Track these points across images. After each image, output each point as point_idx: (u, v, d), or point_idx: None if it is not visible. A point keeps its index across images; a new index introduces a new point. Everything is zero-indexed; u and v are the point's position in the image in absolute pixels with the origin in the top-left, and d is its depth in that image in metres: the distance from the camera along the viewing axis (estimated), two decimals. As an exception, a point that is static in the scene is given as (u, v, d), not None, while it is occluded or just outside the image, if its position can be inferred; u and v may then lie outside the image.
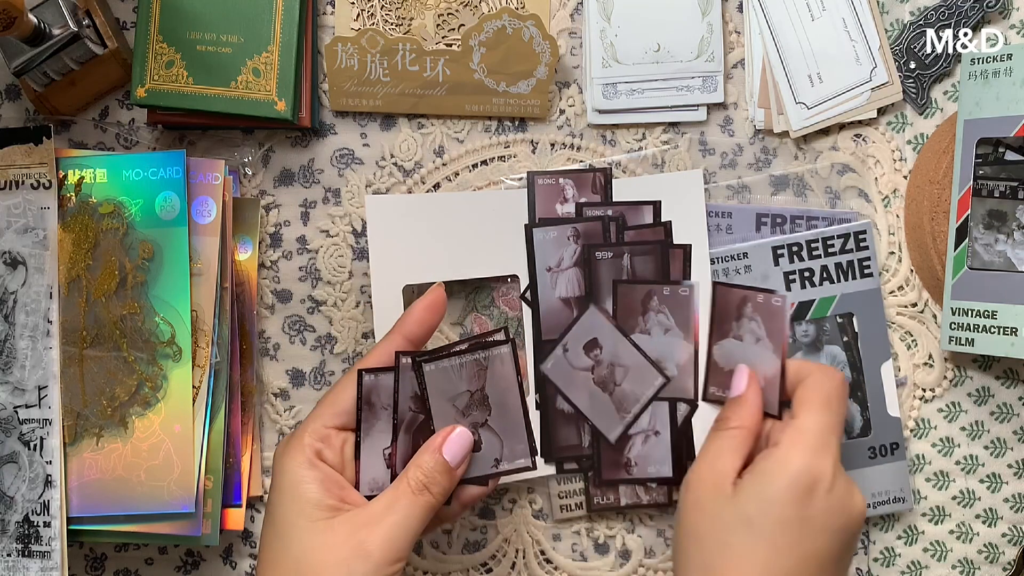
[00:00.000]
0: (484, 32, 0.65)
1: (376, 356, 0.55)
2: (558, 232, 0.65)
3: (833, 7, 0.67)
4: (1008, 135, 0.62)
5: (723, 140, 0.68)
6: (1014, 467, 0.68)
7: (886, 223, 0.68)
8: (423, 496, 0.52)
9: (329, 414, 0.54)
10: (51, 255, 0.62)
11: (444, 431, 0.53)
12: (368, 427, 0.54)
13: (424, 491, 0.52)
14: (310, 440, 0.53)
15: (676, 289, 0.64)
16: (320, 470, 0.52)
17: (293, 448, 0.53)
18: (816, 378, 0.56)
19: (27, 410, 0.61)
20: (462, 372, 0.53)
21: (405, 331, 0.55)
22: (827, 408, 0.55)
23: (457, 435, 0.53)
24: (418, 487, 0.52)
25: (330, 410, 0.54)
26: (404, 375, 0.53)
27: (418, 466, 0.52)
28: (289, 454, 0.53)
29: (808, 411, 0.55)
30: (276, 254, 0.67)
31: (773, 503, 0.51)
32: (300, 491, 0.51)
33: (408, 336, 0.55)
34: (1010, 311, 0.62)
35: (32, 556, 0.60)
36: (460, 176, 0.67)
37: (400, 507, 0.51)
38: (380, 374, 0.53)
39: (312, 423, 0.54)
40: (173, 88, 0.63)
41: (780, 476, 0.52)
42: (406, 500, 0.51)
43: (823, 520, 0.52)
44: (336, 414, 0.54)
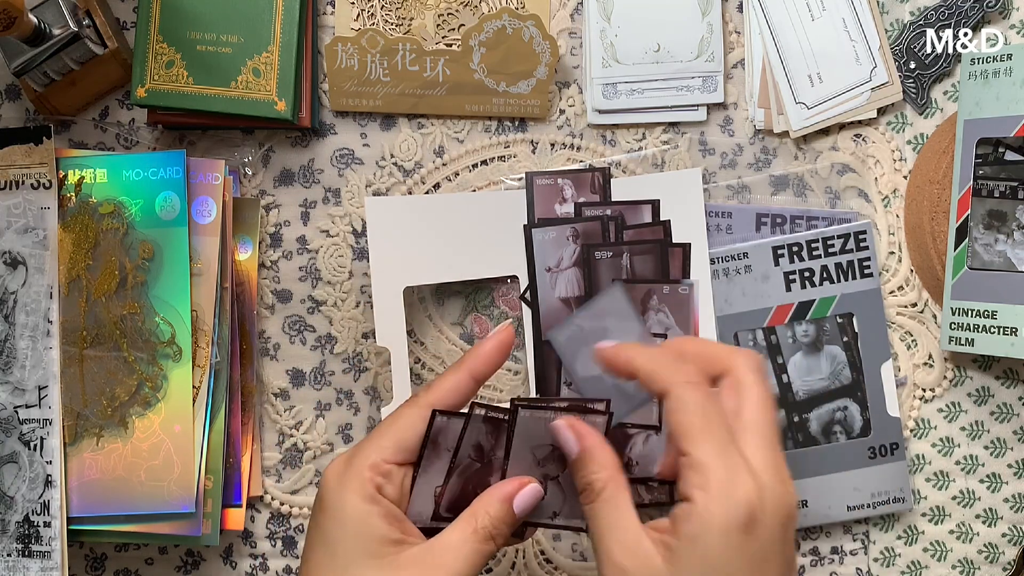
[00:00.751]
0: (484, 32, 0.65)
1: (443, 388, 0.53)
2: (557, 232, 0.65)
3: (833, 7, 0.67)
4: (1008, 135, 0.62)
5: (723, 140, 0.68)
6: (1014, 467, 0.68)
7: (886, 223, 0.68)
8: (488, 545, 0.50)
9: (392, 449, 0.52)
10: (51, 255, 0.62)
11: (518, 480, 0.52)
12: (427, 464, 0.53)
13: (490, 540, 0.50)
14: (371, 474, 0.51)
15: (676, 288, 0.64)
16: (382, 505, 0.50)
17: (353, 479, 0.51)
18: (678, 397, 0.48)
19: (27, 410, 0.61)
20: None
21: (473, 369, 0.53)
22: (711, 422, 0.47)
23: (530, 489, 0.51)
24: (486, 536, 0.50)
25: (393, 445, 0.52)
26: (474, 424, 0.52)
27: (487, 513, 0.51)
28: (351, 485, 0.50)
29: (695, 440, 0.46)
30: (276, 254, 0.67)
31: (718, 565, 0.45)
32: (366, 526, 0.50)
33: (475, 374, 0.53)
34: (1010, 311, 0.62)
35: (32, 556, 0.60)
36: (460, 176, 0.67)
37: (466, 552, 0.50)
38: (451, 418, 0.52)
39: (372, 454, 0.51)
40: (173, 88, 0.63)
41: (711, 537, 0.45)
42: (472, 545, 0.50)
43: (769, 541, 0.46)
44: (399, 450, 0.52)
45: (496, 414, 0.52)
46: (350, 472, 0.51)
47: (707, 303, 0.65)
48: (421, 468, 0.52)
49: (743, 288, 0.66)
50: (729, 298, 0.66)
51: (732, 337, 0.66)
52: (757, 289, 0.66)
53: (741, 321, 0.66)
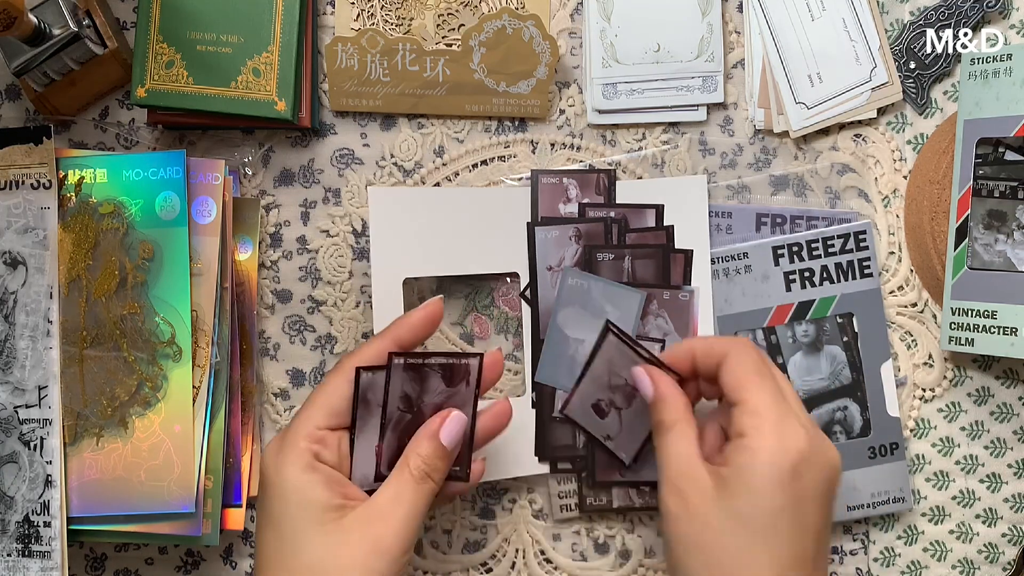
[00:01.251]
0: (484, 32, 0.65)
1: (367, 354, 0.54)
2: (560, 232, 0.65)
3: (833, 7, 0.67)
4: (1008, 135, 0.62)
5: (723, 140, 0.68)
6: (1014, 467, 0.68)
7: (886, 223, 0.68)
8: (426, 484, 0.52)
9: (323, 415, 0.53)
10: (51, 255, 0.62)
11: (440, 415, 0.53)
12: (363, 424, 0.54)
13: (426, 479, 0.52)
14: (306, 444, 0.52)
15: (676, 294, 0.64)
16: (321, 472, 0.52)
17: (289, 452, 0.52)
18: (738, 354, 0.54)
19: (27, 410, 0.61)
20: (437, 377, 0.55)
21: (397, 336, 0.55)
22: (766, 378, 0.53)
23: (453, 418, 0.53)
24: (420, 476, 0.52)
25: (323, 411, 0.53)
26: (395, 375, 0.53)
27: (417, 454, 0.52)
28: (287, 459, 0.52)
29: (752, 389, 0.52)
30: (276, 254, 0.67)
31: (762, 496, 0.50)
32: (306, 496, 0.51)
33: (399, 341, 0.55)
34: (1010, 311, 0.62)
35: (32, 556, 0.60)
36: (460, 176, 0.67)
37: (406, 498, 0.51)
38: (376, 372, 0.53)
39: (304, 425, 0.53)
40: (173, 88, 0.63)
41: (760, 468, 0.50)
42: (410, 490, 0.51)
43: (813, 490, 0.50)
44: (330, 415, 0.53)
45: (415, 360, 0.54)
46: (285, 446, 0.52)
47: (707, 311, 0.65)
48: (357, 429, 0.53)
49: (743, 288, 0.66)
50: (729, 298, 0.66)
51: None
52: (757, 289, 0.66)
53: (741, 321, 0.66)
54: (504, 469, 0.65)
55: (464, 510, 0.67)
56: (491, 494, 0.67)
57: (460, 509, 0.67)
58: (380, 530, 0.50)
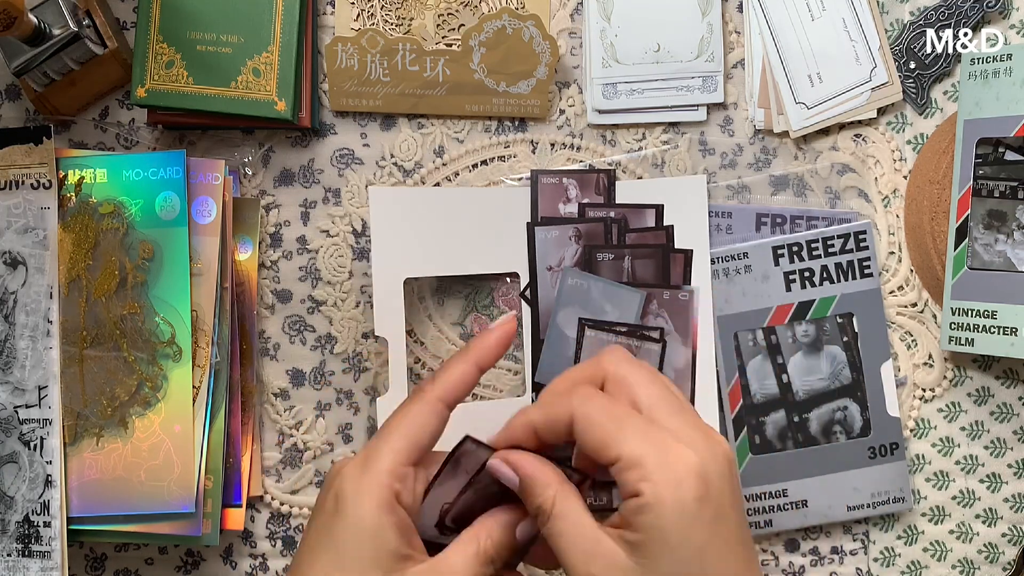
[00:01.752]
0: (484, 32, 0.65)
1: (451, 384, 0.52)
2: (560, 232, 0.65)
3: (833, 7, 0.67)
4: (1008, 135, 0.62)
5: (723, 140, 0.68)
6: (1014, 467, 0.68)
7: (886, 223, 0.68)
8: (487, 569, 0.49)
9: (408, 451, 0.50)
10: (51, 255, 0.62)
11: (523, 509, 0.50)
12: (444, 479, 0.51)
13: (490, 564, 0.50)
14: (390, 480, 0.49)
15: (676, 294, 0.64)
16: (398, 515, 0.49)
17: (373, 484, 0.49)
18: (583, 410, 0.48)
19: (27, 410, 0.61)
20: None
21: (480, 360, 0.53)
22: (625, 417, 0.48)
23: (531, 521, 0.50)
24: (486, 559, 0.49)
25: (407, 446, 0.50)
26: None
27: (490, 536, 0.50)
28: (368, 494, 0.49)
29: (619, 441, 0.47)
30: (276, 254, 0.67)
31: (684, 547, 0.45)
32: (381, 539, 0.48)
33: (481, 365, 0.53)
34: (1010, 311, 0.62)
35: (32, 556, 0.60)
36: (460, 176, 0.67)
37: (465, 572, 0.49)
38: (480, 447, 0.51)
39: (390, 458, 0.50)
40: (173, 88, 0.63)
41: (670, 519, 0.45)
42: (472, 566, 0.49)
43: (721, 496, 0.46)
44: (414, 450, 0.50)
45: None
46: (367, 478, 0.49)
47: (707, 311, 0.65)
48: (437, 482, 0.51)
49: (743, 288, 0.66)
50: (729, 298, 0.66)
51: (732, 337, 0.66)
52: (757, 289, 0.66)
53: (741, 321, 0.66)
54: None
55: (464, 510, 0.67)
56: (491, 494, 0.67)
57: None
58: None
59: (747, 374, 0.66)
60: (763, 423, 0.66)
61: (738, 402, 0.66)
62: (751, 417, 0.66)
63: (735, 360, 0.66)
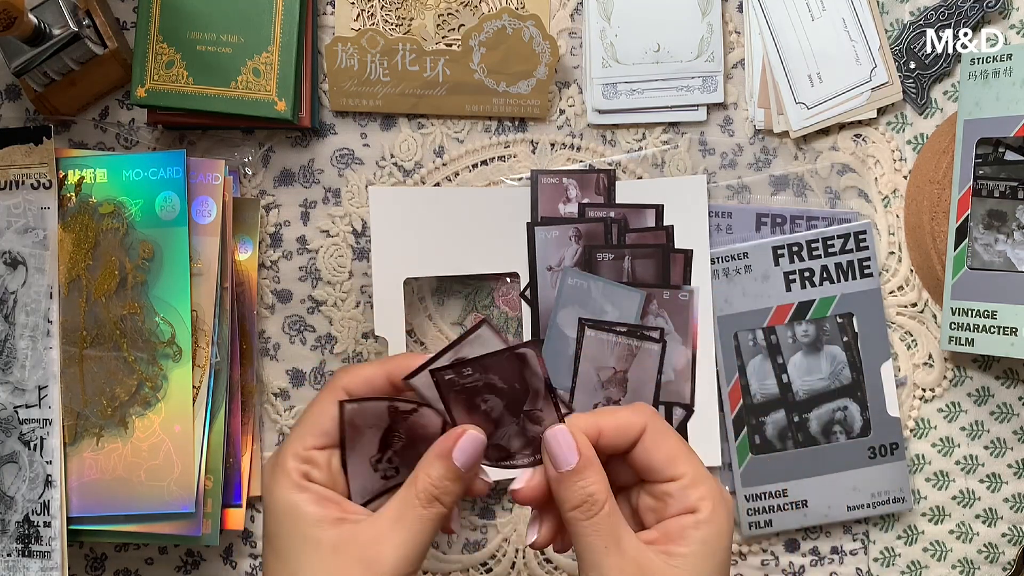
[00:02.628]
0: (484, 32, 0.65)
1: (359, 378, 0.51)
2: (560, 232, 0.65)
3: (833, 7, 0.67)
4: (1008, 135, 0.62)
5: (723, 140, 0.68)
6: (1014, 467, 0.68)
7: (886, 223, 0.68)
8: (433, 508, 0.48)
9: (312, 435, 0.50)
10: (51, 255, 0.62)
11: (454, 433, 0.49)
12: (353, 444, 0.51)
13: (434, 502, 0.48)
14: (294, 463, 0.49)
15: (676, 294, 0.64)
16: (312, 490, 0.49)
17: (279, 474, 0.49)
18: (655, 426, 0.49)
19: (27, 410, 0.61)
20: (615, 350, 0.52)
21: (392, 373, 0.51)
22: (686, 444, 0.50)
23: (468, 438, 0.49)
24: (428, 499, 0.48)
25: (312, 431, 0.50)
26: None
27: (427, 474, 0.48)
28: (277, 481, 0.49)
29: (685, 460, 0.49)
30: (276, 254, 0.67)
31: (721, 564, 0.48)
32: (297, 515, 0.48)
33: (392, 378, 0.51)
34: (1010, 311, 0.62)
35: (32, 556, 0.60)
36: (460, 176, 0.67)
37: (410, 521, 0.48)
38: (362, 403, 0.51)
39: (292, 445, 0.50)
40: (173, 88, 0.63)
41: (718, 539, 0.48)
42: (415, 514, 0.48)
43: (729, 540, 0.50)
44: (320, 435, 0.50)
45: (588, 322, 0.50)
46: (276, 469, 0.50)
47: (707, 311, 0.65)
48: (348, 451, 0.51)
49: (743, 288, 0.66)
50: (729, 298, 0.66)
51: (732, 337, 0.66)
52: (757, 289, 0.66)
53: (741, 321, 0.66)
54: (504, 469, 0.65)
55: (464, 510, 0.67)
56: (491, 494, 0.67)
57: (460, 509, 0.67)
58: (377, 552, 0.47)
59: (747, 374, 0.66)
60: (763, 423, 0.66)
61: (738, 402, 0.66)
62: (751, 417, 0.66)
63: (735, 360, 0.66)
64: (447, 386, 0.49)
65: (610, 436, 0.49)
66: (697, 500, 0.48)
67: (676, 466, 0.48)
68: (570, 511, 0.48)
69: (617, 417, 0.50)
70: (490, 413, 0.49)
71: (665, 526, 0.48)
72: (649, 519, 0.50)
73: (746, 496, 0.66)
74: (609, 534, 0.47)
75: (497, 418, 0.49)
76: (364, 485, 0.52)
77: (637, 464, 0.49)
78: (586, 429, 0.49)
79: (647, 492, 0.50)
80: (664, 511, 0.49)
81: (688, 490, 0.48)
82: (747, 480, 0.66)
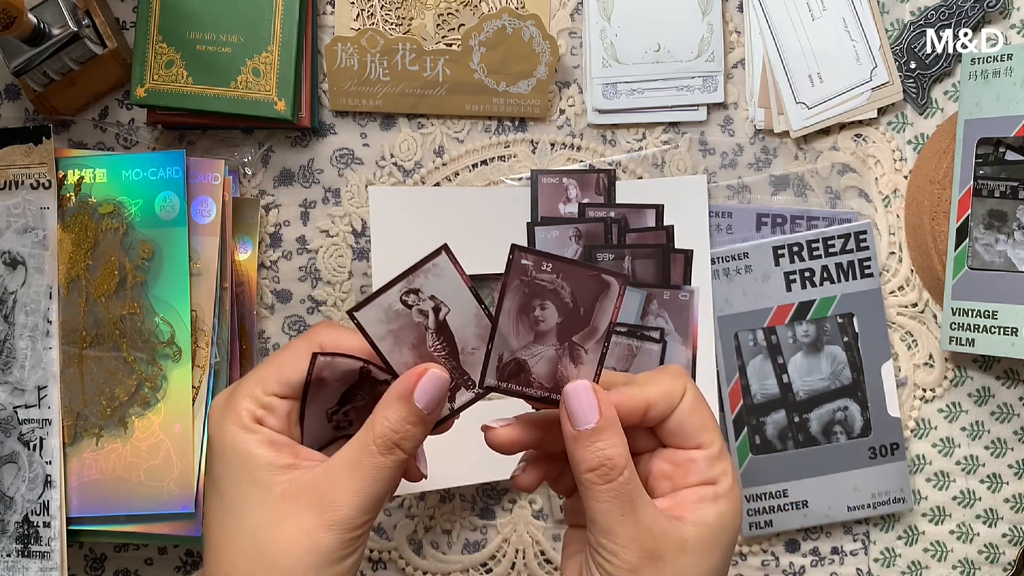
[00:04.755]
0: (484, 32, 0.65)
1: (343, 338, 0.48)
2: (560, 232, 0.65)
3: (833, 7, 0.67)
4: (1008, 135, 0.62)
5: (723, 140, 0.68)
6: (1014, 467, 0.68)
7: (886, 223, 0.68)
8: (392, 455, 0.45)
9: (273, 381, 0.47)
10: (51, 255, 0.62)
11: (413, 373, 0.45)
12: (315, 395, 0.48)
13: (393, 449, 0.45)
14: (249, 404, 0.46)
15: (676, 294, 0.64)
16: (263, 432, 0.45)
17: (230, 412, 0.46)
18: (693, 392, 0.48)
19: (27, 410, 0.61)
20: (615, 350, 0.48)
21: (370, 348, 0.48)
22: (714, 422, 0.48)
23: (431, 377, 0.45)
24: (386, 447, 0.45)
25: (275, 376, 0.47)
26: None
27: (385, 417, 0.45)
28: (228, 418, 0.45)
29: (712, 430, 0.47)
30: (276, 254, 0.67)
31: (730, 545, 0.47)
32: (247, 454, 0.44)
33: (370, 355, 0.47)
34: (1010, 311, 0.62)
35: (32, 556, 0.60)
36: (460, 176, 0.67)
37: (366, 468, 0.44)
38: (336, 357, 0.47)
39: (251, 387, 0.46)
40: (173, 88, 0.63)
41: (736, 518, 0.47)
42: (372, 459, 0.44)
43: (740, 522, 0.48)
44: (283, 384, 0.46)
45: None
46: (228, 405, 0.46)
47: (707, 311, 0.65)
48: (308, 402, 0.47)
49: (743, 288, 0.66)
50: (729, 298, 0.66)
51: (732, 337, 0.66)
52: (757, 289, 0.66)
53: (741, 321, 0.66)
54: (504, 470, 0.65)
55: (464, 510, 0.67)
56: (491, 494, 0.67)
57: (460, 509, 0.67)
58: (331, 499, 0.44)
59: (747, 374, 0.66)
60: (763, 423, 0.66)
61: (738, 402, 0.66)
62: (751, 417, 0.66)
63: (735, 360, 0.66)
64: (518, 270, 0.44)
65: (658, 408, 0.47)
66: (720, 473, 0.47)
67: (706, 434, 0.47)
68: (585, 472, 0.45)
69: (661, 386, 0.47)
70: (538, 321, 0.45)
71: (681, 495, 0.47)
72: (663, 487, 0.47)
73: (747, 496, 0.66)
74: (627, 501, 0.44)
75: (543, 332, 0.45)
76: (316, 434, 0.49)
77: (667, 427, 0.47)
78: (634, 403, 0.46)
79: (666, 458, 0.48)
80: (683, 479, 0.47)
81: (713, 460, 0.47)
82: (747, 480, 0.66)
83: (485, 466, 0.65)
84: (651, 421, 0.47)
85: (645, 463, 0.49)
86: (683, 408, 0.47)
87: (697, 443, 0.47)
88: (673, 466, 0.47)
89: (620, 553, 0.44)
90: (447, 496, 0.67)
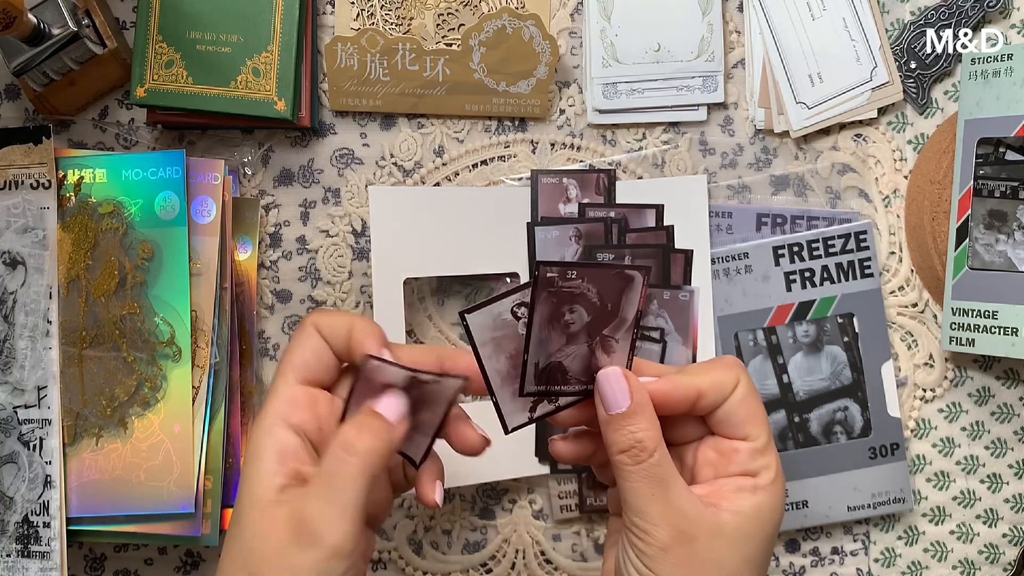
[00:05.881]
0: (484, 32, 0.65)
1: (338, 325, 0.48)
2: (560, 232, 0.65)
3: (833, 7, 0.66)
4: (1008, 135, 0.62)
5: (723, 140, 0.68)
6: (1014, 467, 0.68)
7: (886, 223, 0.68)
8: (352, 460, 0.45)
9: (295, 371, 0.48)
10: (51, 255, 0.62)
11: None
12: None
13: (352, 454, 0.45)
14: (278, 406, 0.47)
15: (676, 294, 0.64)
16: (279, 439, 0.46)
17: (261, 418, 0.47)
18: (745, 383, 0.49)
19: (27, 410, 0.61)
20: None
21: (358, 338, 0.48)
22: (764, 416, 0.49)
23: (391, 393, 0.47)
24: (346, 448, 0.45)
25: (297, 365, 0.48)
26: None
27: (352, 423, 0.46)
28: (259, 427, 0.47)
29: (759, 423, 0.48)
30: (276, 254, 0.67)
31: (768, 539, 0.48)
32: (258, 464, 0.45)
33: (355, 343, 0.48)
34: (1010, 311, 0.62)
35: (31, 556, 0.60)
36: (460, 176, 0.67)
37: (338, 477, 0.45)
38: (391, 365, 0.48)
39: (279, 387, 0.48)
40: (173, 88, 0.63)
41: (776, 512, 0.48)
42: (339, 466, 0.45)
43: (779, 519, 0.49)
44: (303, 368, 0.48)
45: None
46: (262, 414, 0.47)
47: (707, 311, 0.65)
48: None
49: (743, 288, 0.66)
50: (729, 298, 0.66)
51: (732, 337, 0.66)
52: (758, 289, 0.66)
53: (741, 321, 0.66)
54: (504, 470, 0.65)
55: (464, 510, 0.67)
56: (491, 494, 0.67)
57: (460, 509, 0.67)
58: (308, 512, 0.43)
59: (747, 374, 0.66)
60: (763, 423, 0.66)
61: (738, 402, 0.66)
62: (751, 417, 0.66)
63: (735, 360, 0.66)
64: (545, 283, 0.46)
65: (709, 397, 0.48)
66: (762, 466, 0.48)
67: (753, 425, 0.48)
68: (617, 454, 0.47)
69: (713, 375, 0.48)
70: (570, 325, 0.47)
71: (720, 483, 0.48)
72: (706, 473, 0.49)
73: (746, 496, 0.66)
74: (657, 481, 0.46)
75: (574, 333, 0.47)
76: None
77: (717, 416, 0.48)
78: (684, 391, 0.48)
79: (712, 446, 0.49)
80: (725, 468, 0.48)
81: (756, 453, 0.48)
82: (747, 480, 0.66)
83: (485, 466, 0.65)
84: (702, 410, 0.49)
85: (693, 450, 0.50)
86: (734, 399, 0.48)
87: (744, 434, 0.48)
88: (717, 454, 0.49)
89: (652, 531, 0.46)
90: (447, 496, 0.67)
